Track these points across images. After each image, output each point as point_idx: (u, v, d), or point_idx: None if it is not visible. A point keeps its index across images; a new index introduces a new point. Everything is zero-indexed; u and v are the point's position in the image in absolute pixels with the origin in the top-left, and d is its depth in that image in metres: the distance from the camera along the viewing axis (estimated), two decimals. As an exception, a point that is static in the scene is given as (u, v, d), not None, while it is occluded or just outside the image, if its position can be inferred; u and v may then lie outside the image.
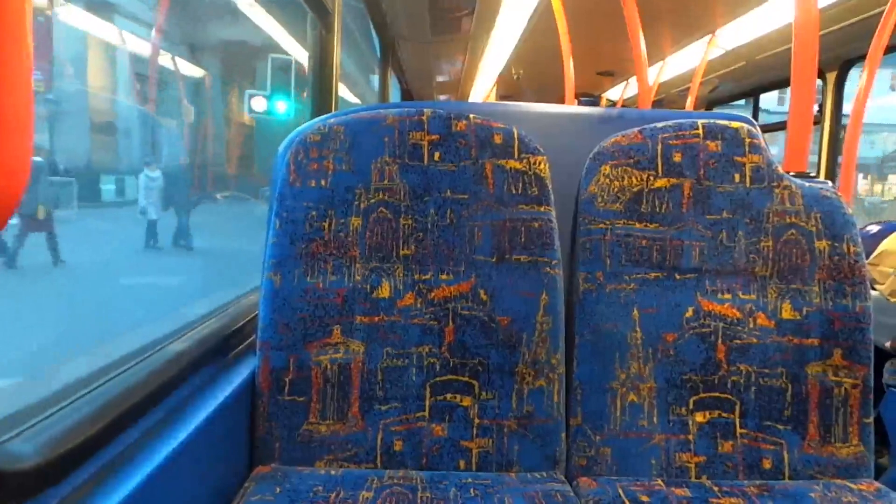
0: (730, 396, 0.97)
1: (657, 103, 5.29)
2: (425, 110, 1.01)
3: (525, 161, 1.00)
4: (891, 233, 1.80)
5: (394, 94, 4.97)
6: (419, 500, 0.84)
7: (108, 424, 0.66)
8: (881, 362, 1.62)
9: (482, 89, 7.13)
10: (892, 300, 1.68)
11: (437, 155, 1.00)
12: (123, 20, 9.22)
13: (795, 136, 1.45)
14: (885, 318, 1.65)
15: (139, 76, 10.04)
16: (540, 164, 1.00)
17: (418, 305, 0.97)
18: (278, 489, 0.85)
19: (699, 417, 0.96)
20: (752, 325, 0.98)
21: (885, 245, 1.72)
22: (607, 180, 1.01)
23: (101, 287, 5.75)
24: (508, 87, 6.82)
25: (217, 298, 1.20)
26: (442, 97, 7.26)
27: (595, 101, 6.69)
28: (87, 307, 4.99)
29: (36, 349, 3.82)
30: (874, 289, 1.72)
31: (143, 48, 9.53)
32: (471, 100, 7.40)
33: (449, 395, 0.96)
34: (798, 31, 1.47)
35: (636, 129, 1.04)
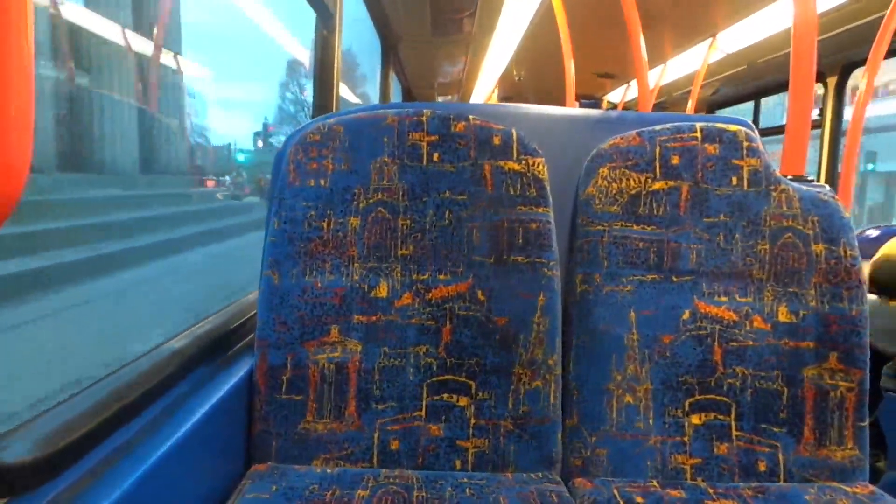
0: (726, 399, 0.97)
1: (659, 106, 5.29)
2: (425, 111, 1.02)
3: (524, 162, 1.00)
4: (891, 237, 1.80)
5: (395, 96, 4.98)
6: (414, 500, 0.84)
7: (105, 421, 0.67)
8: (880, 366, 1.62)
9: (484, 90, 7.14)
10: (892, 303, 1.68)
11: (436, 155, 1.00)
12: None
13: (793, 139, 1.45)
14: (884, 322, 1.65)
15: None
16: (538, 165, 1.00)
17: (416, 305, 0.97)
18: (274, 487, 0.85)
19: (695, 419, 0.97)
20: (748, 328, 0.98)
21: (885, 249, 1.72)
22: (605, 182, 1.02)
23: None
24: (510, 89, 6.82)
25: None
26: (443, 98, 7.26)
27: (596, 104, 6.69)
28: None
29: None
30: (873, 292, 1.72)
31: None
32: (472, 101, 7.41)
33: (445, 395, 0.96)
34: (797, 35, 1.47)
35: (634, 132, 1.04)
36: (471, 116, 1.02)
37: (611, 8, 3.08)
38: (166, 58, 12.92)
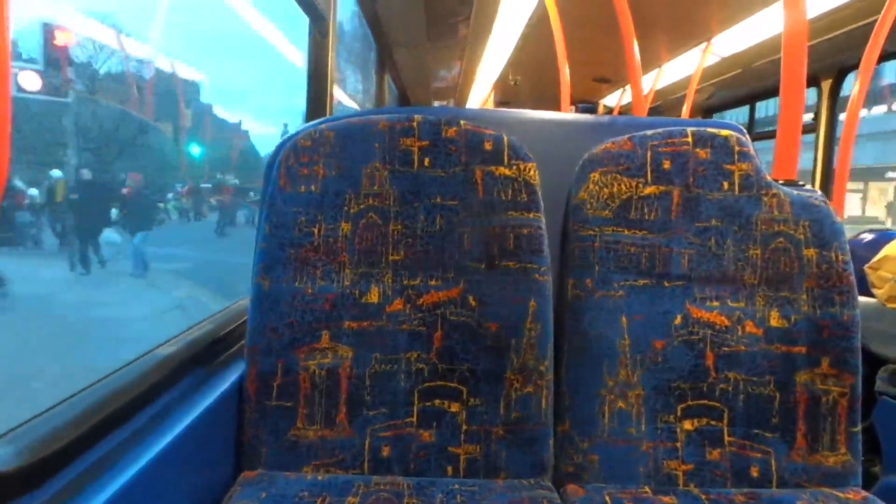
0: (718, 404, 0.97)
1: (654, 110, 5.30)
2: (416, 116, 1.01)
3: (515, 168, 1.00)
4: (888, 240, 1.80)
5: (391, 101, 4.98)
6: None
7: (92, 428, 0.66)
8: (875, 369, 1.62)
9: (479, 95, 7.14)
10: (889, 305, 1.68)
11: (427, 161, 1.00)
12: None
13: (784, 144, 1.46)
14: (880, 325, 1.65)
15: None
16: (530, 170, 1.00)
17: (407, 311, 0.97)
18: (264, 494, 0.85)
19: (687, 425, 0.96)
20: (740, 333, 0.98)
21: (887, 250, 1.72)
22: (596, 187, 1.01)
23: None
24: (506, 93, 6.82)
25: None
26: (439, 103, 7.26)
27: (592, 108, 6.70)
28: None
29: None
30: (871, 294, 1.72)
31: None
32: (468, 105, 7.42)
33: (437, 401, 0.95)
34: (787, 40, 1.48)
35: (626, 137, 1.04)
36: (462, 122, 1.02)
37: (605, 12, 3.09)
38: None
